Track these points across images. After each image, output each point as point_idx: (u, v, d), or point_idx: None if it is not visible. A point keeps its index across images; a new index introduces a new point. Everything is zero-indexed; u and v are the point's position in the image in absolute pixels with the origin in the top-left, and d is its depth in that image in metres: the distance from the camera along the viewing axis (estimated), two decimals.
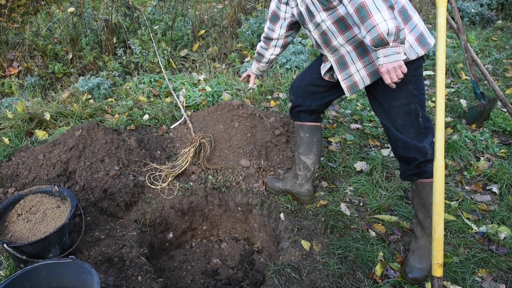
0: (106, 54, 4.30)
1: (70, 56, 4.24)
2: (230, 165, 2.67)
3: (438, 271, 1.60)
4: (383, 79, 1.60)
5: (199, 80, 3.88)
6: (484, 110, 3.11)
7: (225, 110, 2.85)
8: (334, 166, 2.69)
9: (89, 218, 2.26)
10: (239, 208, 2.57)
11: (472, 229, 2.21)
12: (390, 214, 2.33)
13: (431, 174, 1.78)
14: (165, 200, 2.48)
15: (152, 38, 4.20)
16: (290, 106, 2.30)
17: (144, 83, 3.80)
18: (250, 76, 2.49)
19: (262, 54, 2.30)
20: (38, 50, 4.28)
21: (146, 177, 2.54)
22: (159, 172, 2.57)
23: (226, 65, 4.39)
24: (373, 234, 2.21)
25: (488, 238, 2.16)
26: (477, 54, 4.38)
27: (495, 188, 2.52)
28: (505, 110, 3.19)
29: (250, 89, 3.57)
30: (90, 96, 3.64)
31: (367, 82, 1.84)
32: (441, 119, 1.55)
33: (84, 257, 2.01)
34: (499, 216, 2.28)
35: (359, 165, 2.71)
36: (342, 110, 3.43)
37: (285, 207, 2.41)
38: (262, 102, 3.50)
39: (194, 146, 2.61)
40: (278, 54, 2.29)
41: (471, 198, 2.47)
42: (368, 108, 3.46)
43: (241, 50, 4.65)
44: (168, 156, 2.78)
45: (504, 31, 5.10)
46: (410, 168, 1.85)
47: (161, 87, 3.73)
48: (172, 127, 3.11)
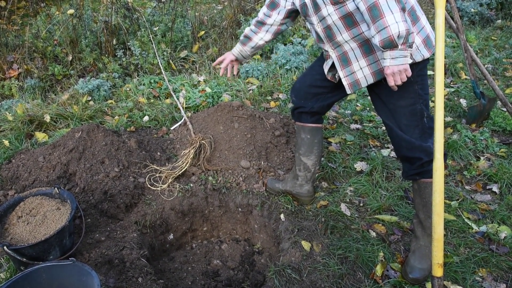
0: (106, 55, 4.29)
1: (70, 58, 4.24)
2: (230, 166, 2.67)
3: (438, 271, 1.60)
4: (387, 81, 1.59)
5: (199, 81, 3.88)
6: (484, 109, 3.11)
7: (225, 111, 2.85)
8: (334, 167, 2.69)
9: (89, 220, 2.26)
10: (240, 209, 2.57)
11: (472, 228, 2.21)
12: (391, 214, 2.33)
13: None
14: (165, 201, 2.48)
15: (151, 39, 4.20)
16: (291, 107, 2.28)
17: (144, 85, 3.79)
18: (225, 60, 2.27)
19: (250, 37, 2.15)
20: (38, 52, 4.28)
21: (146, 178, 2.54)
22: (159, 173, 2.57)
23: None
24: (373, 234, 2.21)
25: (488, 237, 2.16)
26: (476, 54, 4.38)
27: (495, 187, 2.52)
28: (505, 109, 3.19)
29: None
30: (90, 97, 3.64)
31: (370, 81, 1.82)
32: (440, 119, 1.54)
33: (84, 259, 2.01)
34: (499, 215, 2.28)
35: (359, 165, 2.71)
36: (342, 110, 3.43)
37: (285, 208, 2.41)
38: (262, 103, 3.50)
39: (194, 147, 2.61)
40: (267, 41, 2.14)
41: (471, 197, 2.47)
42: (368, 108, 3.46)
43: None
44: (168, 157, 2.78)
45: (503, 31, 5.09)
46: (414, 167, 1.84)
47: (161, 89, 3.73)
48: (172, 129, 3.11)
